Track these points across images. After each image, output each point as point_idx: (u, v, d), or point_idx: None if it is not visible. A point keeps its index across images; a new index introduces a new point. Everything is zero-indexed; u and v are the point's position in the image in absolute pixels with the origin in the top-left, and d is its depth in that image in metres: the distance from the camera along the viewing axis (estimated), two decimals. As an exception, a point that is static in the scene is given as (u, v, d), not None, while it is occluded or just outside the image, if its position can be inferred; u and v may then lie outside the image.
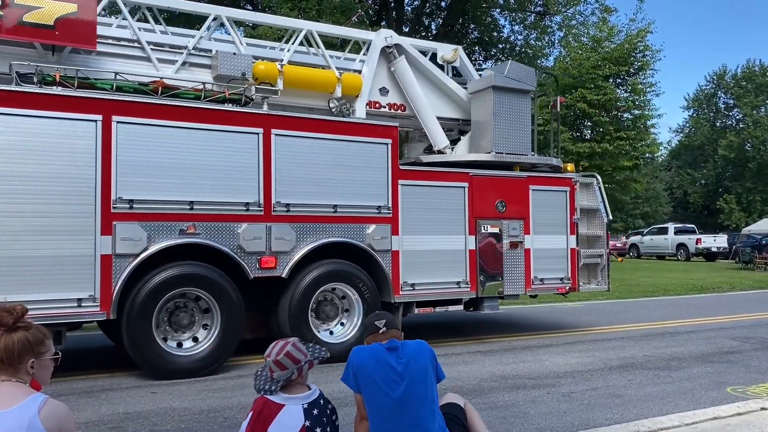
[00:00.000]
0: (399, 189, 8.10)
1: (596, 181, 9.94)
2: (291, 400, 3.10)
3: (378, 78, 9.10)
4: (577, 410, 5.51)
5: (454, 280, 8.45)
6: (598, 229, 9.85)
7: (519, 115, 9.19)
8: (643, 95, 20.73)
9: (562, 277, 9.34)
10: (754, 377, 6.79)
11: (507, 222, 8.86)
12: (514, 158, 9.09)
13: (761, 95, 51.92)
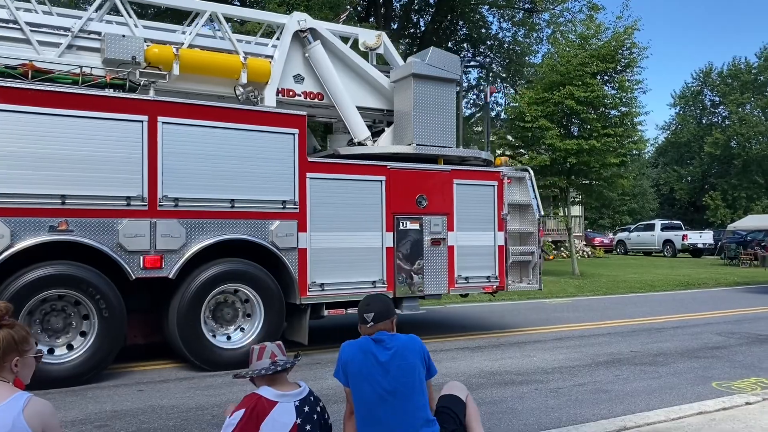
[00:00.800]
0: (307, 183, 7.59)
1: (528, 176, 9.59)
2: (284, 397, 3.11)
3: (292, 64, 8.49)
4: (565, 406, 5.54)
5: (369, 279, 7.99)
6: (530, 225, 9.48)
7: (442, 105, 8.69)
8: (630, 92, 20.79)
9: (489, 275, 8.90)
10: (738, 372, 6.86)
11: (428, 218, 8.42)
12: (437, 151, 8.60)
13: (746, 93, 52.33)
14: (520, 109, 20.56)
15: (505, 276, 9.04)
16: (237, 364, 6.77)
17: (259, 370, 3.18)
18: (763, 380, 6.43)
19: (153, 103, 6.85)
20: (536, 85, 21.79)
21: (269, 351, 3.26)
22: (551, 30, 27.52)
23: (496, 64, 31.58)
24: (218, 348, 7.06)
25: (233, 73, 7.92)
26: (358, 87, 9.03)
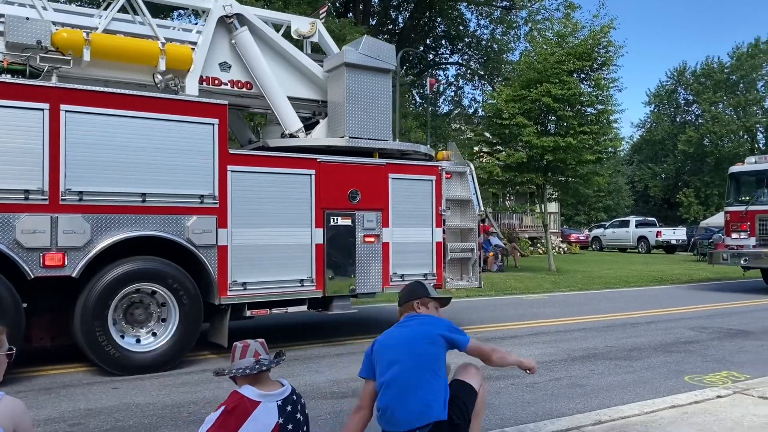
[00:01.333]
0: (228, 176, 7.17)
1: (470, 170, 9.30)
2: (266, 397, 3.07)
3: (217, 51, 8.09)
4: (541, 400, 5.59)
5: (296, 278, 7.63)
6: (470, 222, 9.24)
7: (377, 97, 8.35)
8: (606, 90, 21.01)
9: (426, 272, 8.62)
10: (710, 366, 6.98)
11: (361, 213, 8.08)
12: (371, 144, 8.28)
13: (719, 92, 53.23)
14: (497, 106, 20.66)
15: (444, 273, 8.80)
16: (148, 367, 6.63)
17: (243, 369, 3.13)
18: (734, 374, 6.55)
19: (55, 90, 6.39)
20: (514, 82, 21.93)
21: (253, 349, 3.20)
22: (529, 28, 27.70)
23: (474, 62, 31.71)
24: (127, 351, 6.59)
25: (151, 59, 7.49)
26: (290, 76, 8.64)
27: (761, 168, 15.31)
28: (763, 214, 14.77)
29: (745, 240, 15.12)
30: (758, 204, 15.07)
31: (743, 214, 15.24)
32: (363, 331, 9.42)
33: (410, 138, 21.53)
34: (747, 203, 15.33)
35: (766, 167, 15.18)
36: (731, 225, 15.66)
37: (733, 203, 15.81)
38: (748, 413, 4.73)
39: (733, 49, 54.37)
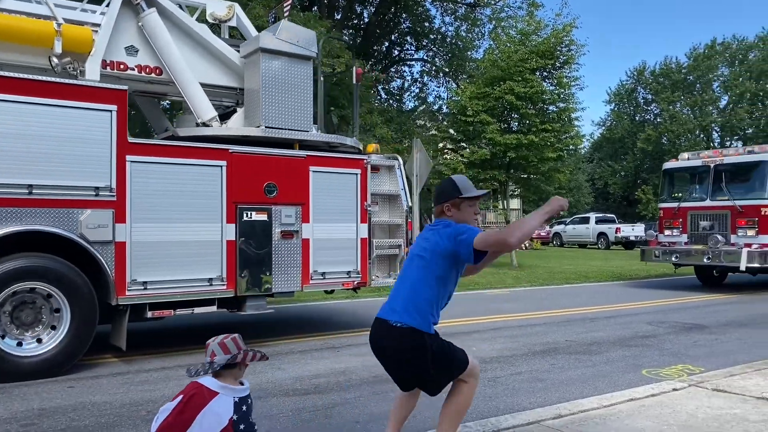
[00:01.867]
0: (128, 167, 6.64)
1: (398, 164, 8.97)
2: (225, 389, 3.03)
3: (123, 34, 7.59)
4: (502, 395, 5.65)
5: (205, 276, 7.17)
6: (398, 217, 8.94)
7: (297, 85, 7.98)
8: (567, 89, 21.35)
9: (350, 270, 8.30)
10: (667, 360, 7.15)
11: (279, 208, 7.68)
12: (289, 134, 7.91)
13: (677, 91, 54.54)
14: (461, 103, 20.79)
15: (369, 271, 8.48)
16: (32, 373, 6.12)
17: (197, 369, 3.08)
18: (689, 367, 6.72)
19: None
20: (478, 80, 22.10)
21: (211, 350, 3.15)
22: (493, 25, 27.93)
23: (439, 58, 31.83)
24: (9, 355, 6.05)
25: (45, 41, 6.96)
26: (204, 62, 8.23)
27: (694, 164, 15.23)
28: (695, 211, 14.73)
29: (677, 237, 15.10)
30: (690, 200, 15.08)
31: (675, 211, 15.19)
32: (334, 327, 9.39)
33: (375, 135, 21.52)
34: (679, 200, 15.31)
35: (698, 163, 15.08)
36: (664, 222, 15.59)
37: (667, 200, 15.74)
38: (702, 405, 4.85)
39: (691, 50, 55.78)
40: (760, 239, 13.45)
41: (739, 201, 13.86)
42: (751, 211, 13.67)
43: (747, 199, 13.83)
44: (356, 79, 9.72)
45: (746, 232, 13.66)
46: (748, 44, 53.33)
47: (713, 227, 14.28)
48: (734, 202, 13.89)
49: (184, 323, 9.56)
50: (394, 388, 5.89)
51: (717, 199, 14.32)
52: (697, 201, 14.79)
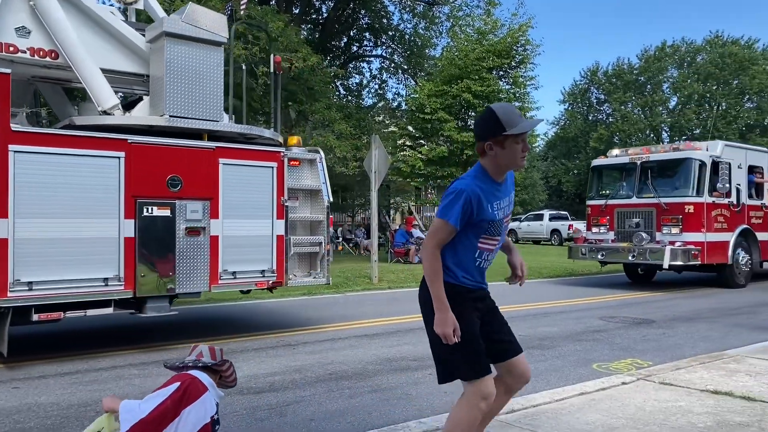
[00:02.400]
0: (10, 158, 6.20)
1: (320, 158, 8.60)
2: (213, 388, 3.05)
3: (14, 14, 7.06)
4: (458, 390, 5.66)
5: (99, 276, 6.67)
6: (319, 213, 8.56)
7: (205, 72, 7.55)
8: (523, 88, 21.67)
9: (264, 269, 7.87)
10: (616, 354, 7.32)
11: (184, 203, 7.20)
12: (197, 124, 7.46)
13: (628, 92, 55.88)
14: (420, 100, 20.89)
15: (285, 269, 8.06)
16: None
17: (178, 363, 3.12)
18: (637, 361, 6.90)
19: None
20: (436, 77, 22.22)
21: (199, 350, 3.19)
22: (451, 23, 28.10)
23: (398, 55, 31.88)
24: None
25: None
26: (106, 46, 7.68)
27: (621, 161, 15.05)
28: (622, 208, 14.59)
29: (604, 234, 14.95)
30: (617, 198, 14.93)
31: (603, 208, 15.04)
32: (290, 324, 9.32)
33: (333, 130, 21.44)
34: (607, 197, 15.20)
35: (626, 160, 14.91)
36: (591, 219, 15.46)
37: (594, 197, 15.58)
38: (649, 398, 4.99)
39: (642, 52, 57.18)
40: (684, 237, 13.50)
41: (664, 198, 13.84)
42: (676, 209, 13.69)
43: (672, 197, 13.85)
44: (276, 69, 9.17)
45: (671, 230, 13.67)
46: (697, 47, 54.97)
47: (639, 225, 14.23)
48: (659, 199, 13.86)
49: (137, 321, 9.37)
50: (350, 385, 5.92)
51: (643, 197, 14.30)
52: (624, 198, 14.70)
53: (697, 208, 13.64)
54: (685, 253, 13.26)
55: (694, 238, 13.46)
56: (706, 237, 13.61)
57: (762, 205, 15.64)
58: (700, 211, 13.66)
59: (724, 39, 53.70)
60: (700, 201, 13.68)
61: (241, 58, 17.12)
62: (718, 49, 52.56)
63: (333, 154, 21.91)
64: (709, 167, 13.82)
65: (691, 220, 13.55)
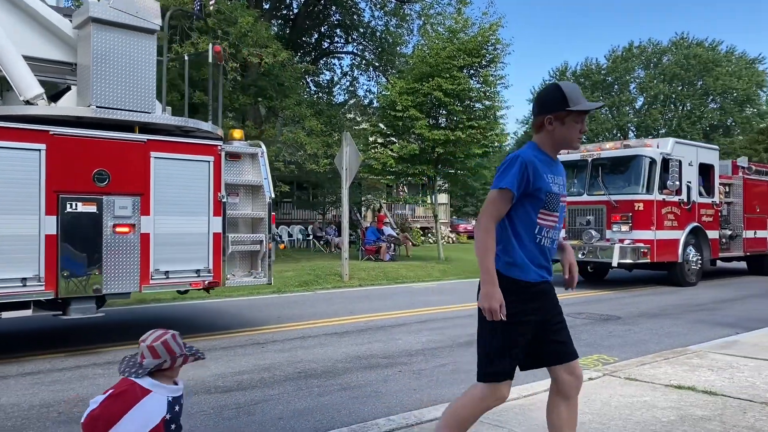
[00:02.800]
0: None
1: (261, 152, 8.28)
2: (159, 388, 2.92)
3: None
4: (426, 387, 5.71)
5: (17, 276, 6.33)
6: (261, 210, 8.21)
7: (136, 60, 7.19)
8: (493, 87, 21.79)
9: (200, 269, 7.51)
10: (583, 350, 7.41)
11: (112, 198, 6.83)
12: (127, 115, 7.10)
13: (596, 92, 56.70)
14: (391, 98, 20.88)
15: (223, 269, 7.73)
16: None
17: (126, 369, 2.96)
18: (604, 357, 7.00)
19: None
20: (407, 75, 22.22)
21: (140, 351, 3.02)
22: (422, 21, 28.15)
23: (369, 52, 31.84)
24: None
25: None
26: (29, 31, 7.29)
27: (573, 158, 14.73)
28: (574, 206, 14.25)
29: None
30: (569, 195, 13.90)
31: None
32: (260, 322, 9.24)
33: (304, 127, 21.31)
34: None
35: (577, 157, 14.63)
36: None
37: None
38: (615, 394, 5.06)
39: (610, 52, 58.05)
40: (634, 234, 13.39)
41: (615, 196, 13.74)
42: (626, 206, 13.57)
43: (622, 194, 13.74)
44: (218, 59, 8.78)
45: (620, 228, 13.54)
46: (663, 48, 56.01)
47: (590, 222, 14.09)
48: (609, 196, 13.75)
49: (103, 319, 9.20)
50: (319, 383, 5.89)
51: (594, 194, 14.17)
52: (575, 195, 14.37)
53: (646, 206, 13.55)
54: (635, 251, 13.16)
55: (643, 235, 13.39)
56: (656, 235, 13.53)
57: (712, 203, 15.59)
58: (650, 208, 13.57)
59: (689, 41, 54.84)
60: (650, 198, 13.59)
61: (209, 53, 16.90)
62: (683, 51, 53.67)
63: (304, 151, 21.79)
64: (659, 164, 13.73)
65: (640, 218, 13.46)
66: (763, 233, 17.26)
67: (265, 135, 21.04)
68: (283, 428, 4.58)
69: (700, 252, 14.82)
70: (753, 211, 16.98)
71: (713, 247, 15.39)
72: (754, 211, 17.02)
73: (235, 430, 4.55)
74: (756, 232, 16.98)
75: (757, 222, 17.08)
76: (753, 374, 5.69)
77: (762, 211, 17.37)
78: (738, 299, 12.33)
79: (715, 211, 15.66)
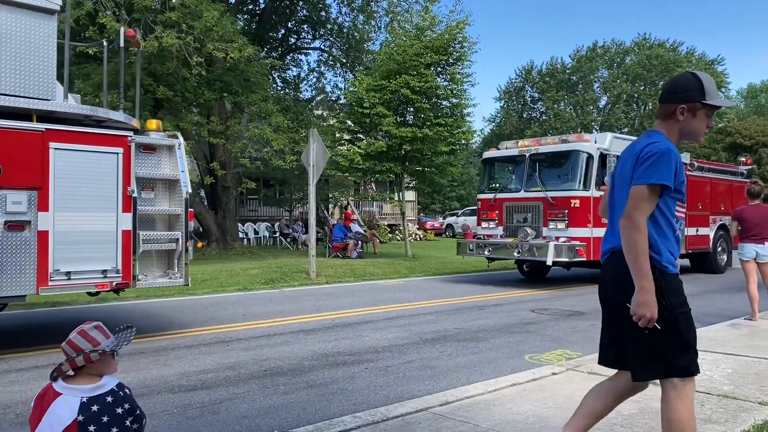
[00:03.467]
0: None
1: (178, 143, 7.77)
2: (70, 390, 2.80)
3: None
4: (393, 384, 5.72)
5: None
6: (177, 206, 7.69)
7: (32, 43, 6.66)
8: (460, 85, 21.89)
9: (107, 269, 6.97)
10: (548, 345, 7.52)
11: (3, 193, 6.33)
12: (20, 102, 6.58)
13: (561, 91, 57.52)
14: (358, 95, 20.83)
15: (133, 269, 7.19)
16: None
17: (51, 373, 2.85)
18: (567, 352, 7.11)
19: None
20: (374, 72, 22.19)
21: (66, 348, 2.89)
22: (389, 19, 28.13)
23: (336, 49, 31.71)
24: None
25: None
26: None
27: (511, 153, 14.41)
28: (511, 202, 13.97)
29: (493, 229, 14.33)
30: (507, 192, 14.33)
31: (492, 203, 14.40)
32: (220, 320, 9.14)
33: (270, 123, 21.12)
34: (496, 191, 14.58)
35: (515, 152, 14.26)
36: (481, 214, 14.82)
37: (485, 191, 14.94)
38: (578, 388, 5.14)
39: (574, 52, 58.90)
40: (570, 232, 12.93)
41: (551, 192, 13.27)
42: (562, 203, 13.10)
43: (559, 191, 13.25)
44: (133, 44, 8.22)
45: (557, 225, 13.09)
46: (626, 48, 57.04)
47: (527, 220, 13.64)
48: (546, 193, 13.30)
49: (69, 316, 8.99)
50: (285, 381, 5.85)
51: (531, 190, 13.69)
52: (513, 192, 14.09)
53: (583, 203, 12.99)
54: (570, 249, 12.65)
55: (580, 233, 12.87)
56: (593, 233, 12.83)
57: None
58: (587, 205, 12.97)
59: (651, 41, 55.95)
60: (586, 195, 13.00)
61: (174, 47, 16.65)
62: (646, 51, 54.74)
63: (270, 147, 21.59)
64: (596, 160, 13.14)
65: (577, 215, 12.95)
66: (705, 230, 17.01)
67: (231, 131, 20.80)
68: (248, 427, 4.54)
69: None
70: (695, 209, 16.53)
71: None
72: (696, 208, 16.57)
73: (199, 429, 4.49)
74: (698, 230, 16.65)
75: (700, 219, 16.75)
76: (711, 368, 5.84)
77: (705, 208, 17.06)
78: (695, 295, 12.63)
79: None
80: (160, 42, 16.48)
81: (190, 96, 19.41)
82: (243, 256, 21.09)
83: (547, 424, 4.22)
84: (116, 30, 16.23)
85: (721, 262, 17.74)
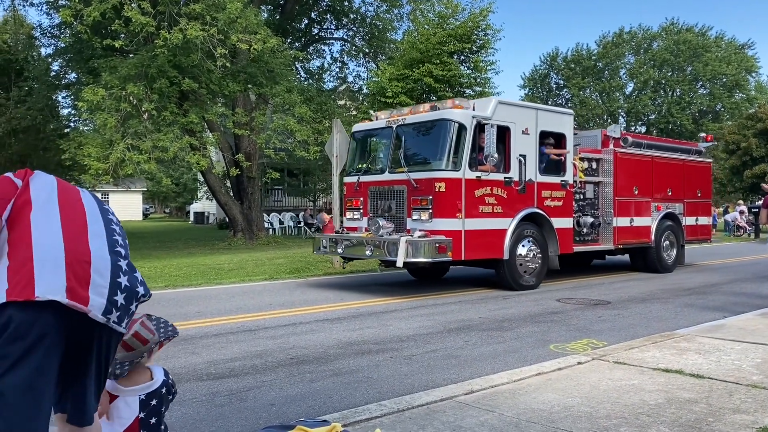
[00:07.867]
0: None
1: None
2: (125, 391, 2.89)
3: None
4: (418, 372, 5.76)
5: None
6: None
7: None
8: (484, 73, 21.79)
9: None
10: (573, 335, 7.49)
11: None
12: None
13: (587, 77, 56.80)
14: (381, 84, 20.83)
15: None
16: None
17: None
18: (593, 341, 7.07)
19: None
20: (397, 61, 22.16)
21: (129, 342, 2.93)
22: (412, 7, 28.00)
23: (359, 39, 31.68)
24: None
25: None
26: None
27: (378, 125, 11.62)
28: (375, 186, 11.12)
29: (358, 221, 11.43)
30: (371, 173, 11.39)
31: (357, 187, 11.48)
32: (247, 308, 9.25)
33: (294, 114, 21.22)
34: (360, 172, 11.58)
35: (382, 124, 11.45)
36: (346, 201, 11.91)
37: (351, 172, 11.96)
38: (604, 377, 5.12)
39: (600, 38, 58.08)
40: (435, 224, 10.03)
41: (415, 174, 10.37)
42: (426, 187, 10.18)
43: (422, 171, 10.37)
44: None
45: (420, 215, 10.23)
46: (653, 34, 56.11)
47: (391, 208, 10.77)
48: (408, 175, 10.38)
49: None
50: (311, 369, 5.92)
51: (395, 171, 10.77)
52: (378, 174, 11.22)
53: (451, 186, 10.07)
54: (431, 246, 9.80)
55: (445, 225, 10.02)
56: (465, 225, 10.11)
57: (562, 183, 11.78)
58: (457, 190, 10.09)
59: (679, 26, 54.89)
60: (455, 177, 10.08)
61: (198, 39, 16.78)
62: (673, 36, 53.75)
63: (294, 138, 21.70)
64: (471, 131, 10.20)
65: (442, 203, 10.05)
66: (643, 221, 13.72)
67: (256, 122, 20.94)
68: (276, 414, 4.61)
69: (539, 246, 11.40)
70: (629, 194, 13.37)
71: (563, 240, 11.80)
72: (630, 193, 13.40)
73: (228, 416, 4.58)
74: (633, 220, 13.43)
75: (635, 207, 13.54)
76: (740, 357, 5.77)
77: (642, 193, 13.71)
78: (725, 283, 12.45)
79: (566, 193, 11.89)
80: (185, 34, 16.62)
81: (215, 88, 19.57)
82: (268, 245, 21.28)
83: (572, 413, 4.22)
84: (141, 23, 16.46)
85: (668, 258, 14.46)
